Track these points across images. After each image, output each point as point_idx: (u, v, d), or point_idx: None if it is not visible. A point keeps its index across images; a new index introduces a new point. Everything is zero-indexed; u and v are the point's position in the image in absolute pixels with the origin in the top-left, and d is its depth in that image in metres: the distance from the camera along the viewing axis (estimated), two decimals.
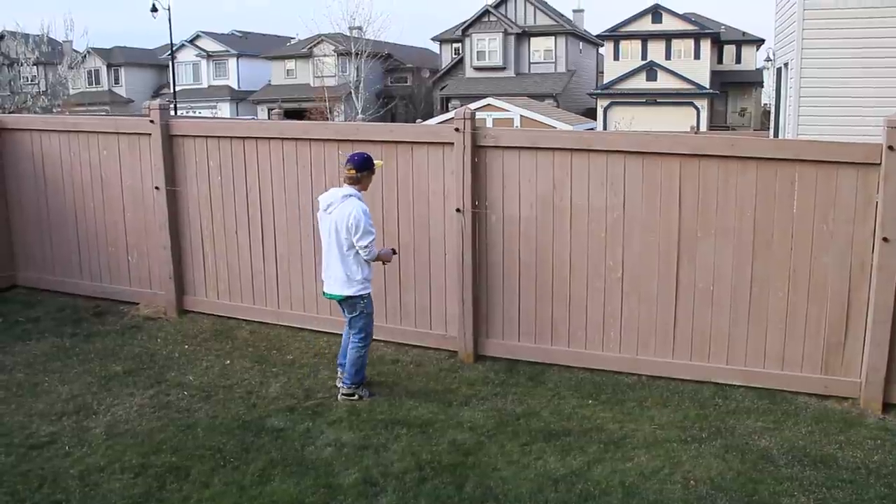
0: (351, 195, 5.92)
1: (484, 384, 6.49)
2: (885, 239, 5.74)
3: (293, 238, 7.54)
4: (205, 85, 52.97)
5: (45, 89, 27.53)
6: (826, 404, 6.05)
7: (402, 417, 5.83)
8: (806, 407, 6.03)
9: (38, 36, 30.00)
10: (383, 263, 6.33)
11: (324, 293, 6.22)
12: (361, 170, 5.99)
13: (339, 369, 6.40)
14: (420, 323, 7.25)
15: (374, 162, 6.11)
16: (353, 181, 5.98)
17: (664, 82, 42.19)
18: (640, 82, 42.59)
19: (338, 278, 6.00)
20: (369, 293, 6.11)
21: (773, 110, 16.72)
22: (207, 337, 7.57)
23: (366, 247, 5.86)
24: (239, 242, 7.81)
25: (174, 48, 46.02)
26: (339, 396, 6.17)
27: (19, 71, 25.49)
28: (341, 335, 7.48)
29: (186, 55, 52.81)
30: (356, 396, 6.14)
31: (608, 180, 6.43)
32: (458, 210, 6.78)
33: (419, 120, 35.07)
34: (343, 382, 6.21)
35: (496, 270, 6.87)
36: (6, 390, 6.27)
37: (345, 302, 6.08)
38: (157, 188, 7.98)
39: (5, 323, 7.94)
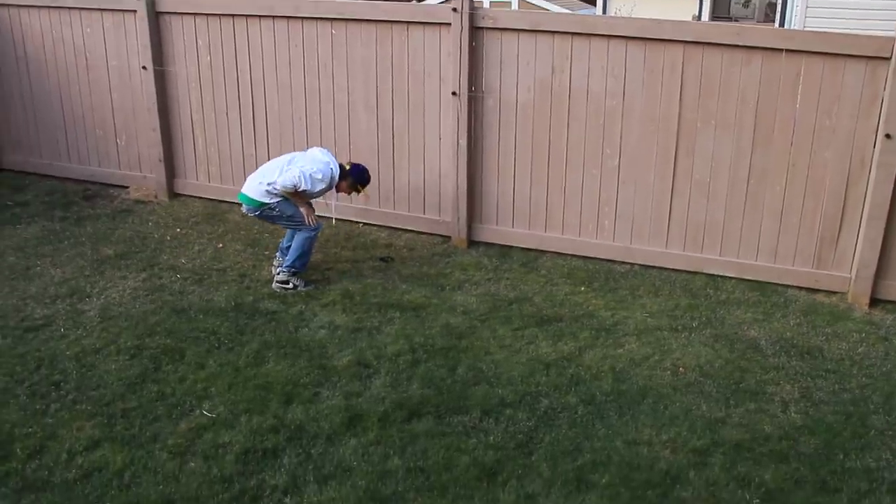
0: (331, 163, 5.99)
1: (477, 269, 6.51)
2: (887, 135, 5.65)
3: (285, 120, 7.38)
4: None
5: None
6: (815, 298, 6.11)
7: (396, 301, 5.86)
8: (795, 300, 6.08)
9: None
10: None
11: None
12: (345, 177, 6.06)
13: (277, 255, 6.36)
14: (413, 207, 7.21)
15: (362, 186, 6.21)
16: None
17: None
18: None
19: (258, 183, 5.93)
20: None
21: (779, 1, 16.24)
22: (199, 220, 7.52)
23: (283, 184, 5.75)
24: (230, 125, 7.65)
25: None
26: (273, 284, 6.03)
27: None
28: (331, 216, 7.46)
29: None
30: (290, 285, 5.97)
31: (609, 66, 6.26)
32: (453, 93, 6.62)
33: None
34: (280, 268, 6.06)
35: (491, 155, 6.78)
36: None
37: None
38: (144, 68, 7.75)
39: None
